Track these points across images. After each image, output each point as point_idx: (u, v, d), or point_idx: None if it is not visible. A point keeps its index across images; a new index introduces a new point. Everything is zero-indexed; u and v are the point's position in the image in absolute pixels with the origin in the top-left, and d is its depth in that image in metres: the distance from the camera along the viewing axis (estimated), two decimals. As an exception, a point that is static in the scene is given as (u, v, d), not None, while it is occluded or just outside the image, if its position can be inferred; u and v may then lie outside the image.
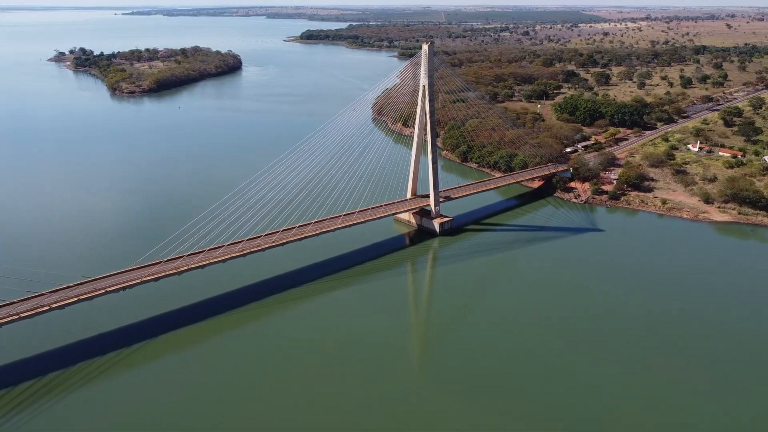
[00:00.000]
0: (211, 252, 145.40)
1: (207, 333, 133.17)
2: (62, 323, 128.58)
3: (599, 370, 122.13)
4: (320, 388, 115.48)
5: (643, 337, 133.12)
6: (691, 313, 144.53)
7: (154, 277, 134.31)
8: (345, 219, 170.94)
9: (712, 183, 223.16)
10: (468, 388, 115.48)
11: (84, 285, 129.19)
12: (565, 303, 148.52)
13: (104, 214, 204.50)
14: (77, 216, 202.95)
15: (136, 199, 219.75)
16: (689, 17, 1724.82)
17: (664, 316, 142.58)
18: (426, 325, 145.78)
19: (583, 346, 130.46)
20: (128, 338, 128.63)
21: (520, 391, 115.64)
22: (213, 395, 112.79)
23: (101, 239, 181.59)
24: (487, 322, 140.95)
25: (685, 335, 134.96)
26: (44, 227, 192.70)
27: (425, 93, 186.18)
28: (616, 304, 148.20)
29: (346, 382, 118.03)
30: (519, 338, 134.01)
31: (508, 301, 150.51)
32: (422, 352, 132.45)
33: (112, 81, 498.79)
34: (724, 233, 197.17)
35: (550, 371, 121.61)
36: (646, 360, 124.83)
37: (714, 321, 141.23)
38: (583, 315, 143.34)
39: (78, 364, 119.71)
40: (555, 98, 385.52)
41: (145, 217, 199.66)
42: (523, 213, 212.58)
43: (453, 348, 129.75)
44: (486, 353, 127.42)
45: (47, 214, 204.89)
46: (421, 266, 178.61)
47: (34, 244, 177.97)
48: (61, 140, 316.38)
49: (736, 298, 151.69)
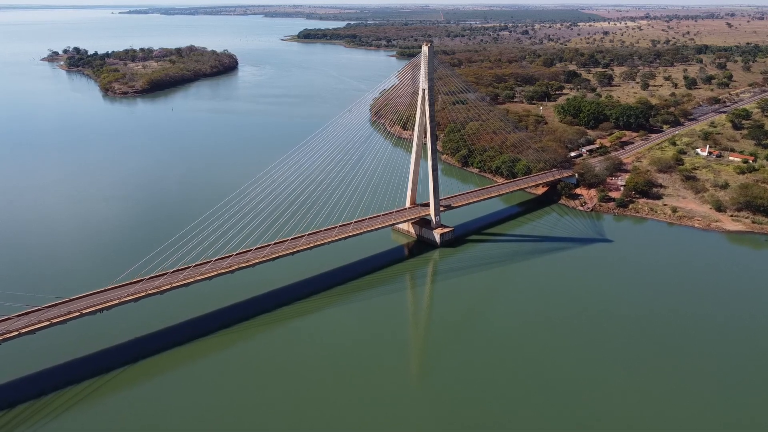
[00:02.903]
0: (197, 268, 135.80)
1: (192, 356, 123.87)
2: (33, 349, 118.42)
3: (608, 390, 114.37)
4: (314, 412, 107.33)
5: (656, 355, 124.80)
6: (707, 330, 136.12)
7: (134, 298, 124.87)
8: (340, 231, 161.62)
9: (723, 190, 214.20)
10: (470, 413, 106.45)
11: (57, 306, 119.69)
12: (571, 318, 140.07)
13: (82, 228, 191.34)
14: (52, 229, 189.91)
15: (118, 211, 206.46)
16: (689, 16, 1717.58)
17: (677, 331, 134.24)
18: (426, 344, 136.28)
19: (590, 365, 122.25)
20: (105, 364, 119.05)
21: (524, 414, 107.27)
22: (198, 423, 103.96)
23: (78, 255, 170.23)
24: (490, 340, 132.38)
25: (702, 351, 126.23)
26: (14, 241, 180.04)
27: (425, 97, 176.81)
28: (626, 320, 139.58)
29: (341, 405, 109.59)
30: (523, 356, 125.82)
31: (512, 318, 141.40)
32: (422, 374, 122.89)
33: (105, 81, 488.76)
34: (738, 243, 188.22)
35: (555, 392, 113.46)
36: (659, 379, 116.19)
37: (731, 336, 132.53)
38: (590, 331, 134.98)
39: (50, 395, 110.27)
40: (557, 99, 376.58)
41: (127, 231, 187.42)
42: (527, 221, 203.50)
43: (454, 369, 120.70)
44: (489, 375, 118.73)
45: (19, 227, 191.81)
46: (421, 280, 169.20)
47: (1, 261, 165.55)
48: (43, 145, 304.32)
49: (753, 312, 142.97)
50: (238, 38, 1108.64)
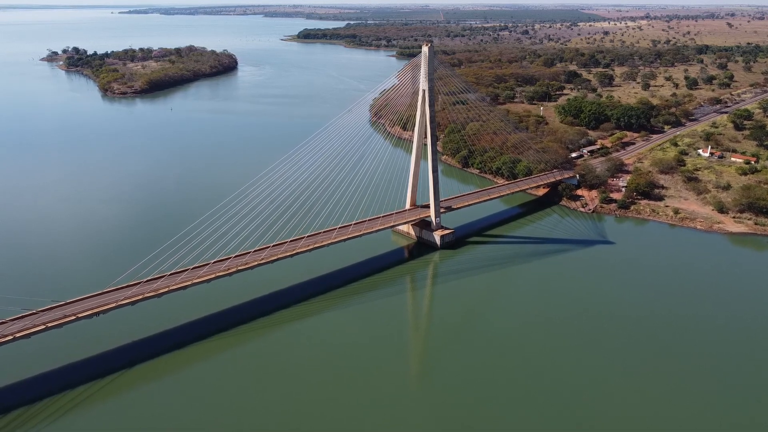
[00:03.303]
0: (195, 271, 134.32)
1: (189, 360, 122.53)
2: (28, 353, 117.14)
3: (609, 394, 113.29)
4: (314, 415, 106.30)
5: (658, 357, 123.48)
6: (709, 332, 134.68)
7: (131, 301, 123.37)
8: (340, 233, 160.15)
9: (726, 191, 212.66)
10: (470, 415, 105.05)
11: (53, 310, 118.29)
12: (572, 321, 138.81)
13: (79, 229, 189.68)
14: (48, 231, 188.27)
15: (115, 213, 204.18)
16: (689, 16, 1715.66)
17: (679, 333, 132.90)
18: (427, 347, 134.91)
19: (591, 368, 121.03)
20: (102, 368, 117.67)
21: (525, 417, 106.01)
22: (196, 426, 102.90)
23: (75, 257, 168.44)
24: (491, 342, 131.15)
25: (704, 353, 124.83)
26: (11, 243, 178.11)
27: (425, 98, 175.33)
28: (627, 322, 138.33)
29: (341, 408, 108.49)
30: (524, 359, 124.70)
31: (513, 321, 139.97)
32: (423, 377, 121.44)
33: (104, 81, 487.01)
34: (741, 244, 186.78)
35: (556, 395, 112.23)
36: (661, 382, 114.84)
37: (733, 338, 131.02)
38: (591, 334, 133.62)
39: (45, 400, 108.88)
40: (558, 100, 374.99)
41: (125, 232, 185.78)
42: (528, 223, 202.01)
43: (455, 372, 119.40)
44: (490, 378, 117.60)
45: (16, 228, 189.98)
46: (421, 283, 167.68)
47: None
48: (40, 145, 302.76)
49: (755, 314, 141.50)
50: (238, 38, 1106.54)
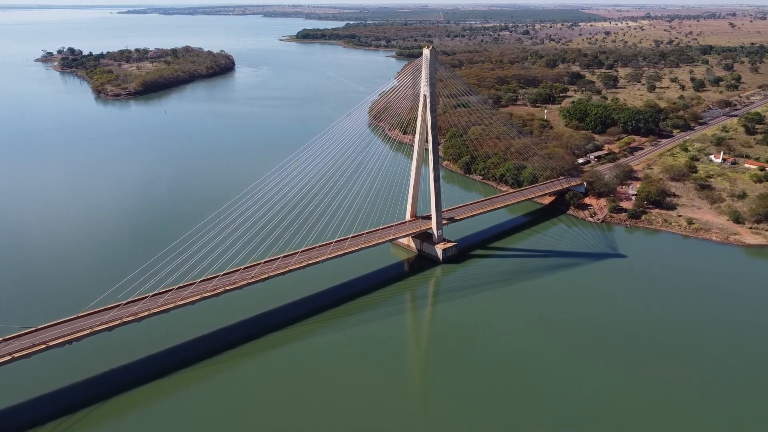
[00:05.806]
0: (179, 292, 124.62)
1: (172, 389, 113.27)
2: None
3: (626, 422, 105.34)
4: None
5: (671, 381, 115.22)
6: (728, 353, 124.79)
7: (107, 327, 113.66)
8: (336, 247, 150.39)
9: (741, 200, 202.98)
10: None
11: (21, 338, 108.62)
12: (582, 340, 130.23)
13: (55, 244, 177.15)
14: (20, 245, 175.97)
15: (96, 227, 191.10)
16: (690, 16, 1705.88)
17: (694, 354, 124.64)
18: (427, 368, 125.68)
19: (605, 394, 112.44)
20: (74, 401, 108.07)
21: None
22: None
23: (48, 278, 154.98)
24: (495, 362, 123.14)
25: (723, 376, 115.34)
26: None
27: (426, 103, 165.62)
28: (641, 341, 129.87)
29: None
30: (530, 379, 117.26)
31: (518, 339, 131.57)
32: (424, 398, 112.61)
33: (97, 83, 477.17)
34: (760, 257, 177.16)
35: (566, 422, 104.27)
36: (673, 407, 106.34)
37: (752, 357, 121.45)
38: (602, 354, 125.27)
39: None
40: (561, 102, 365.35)
41: (105, 249, 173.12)
42: (534, 234, 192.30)
43: (458, 393, 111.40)
44: (496, 399, 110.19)
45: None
46: (422, 300, 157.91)
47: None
48: (21, 146, 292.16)
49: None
50: (236, 38, 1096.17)
